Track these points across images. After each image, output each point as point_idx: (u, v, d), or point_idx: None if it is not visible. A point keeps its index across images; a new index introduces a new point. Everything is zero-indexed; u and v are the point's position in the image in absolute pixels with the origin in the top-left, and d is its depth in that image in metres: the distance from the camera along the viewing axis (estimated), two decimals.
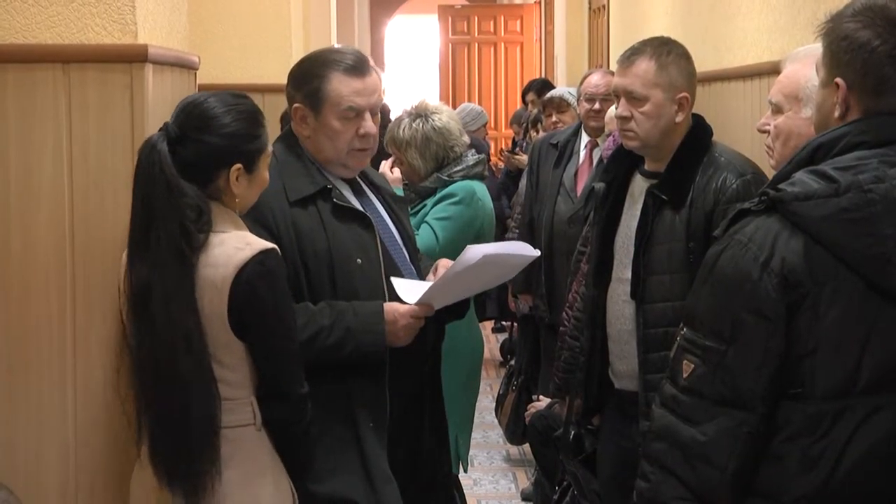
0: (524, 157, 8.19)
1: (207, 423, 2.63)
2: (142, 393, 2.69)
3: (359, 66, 3.13)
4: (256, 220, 2.92)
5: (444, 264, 3.26)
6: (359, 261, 3.08)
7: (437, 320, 3.27)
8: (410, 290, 3.13)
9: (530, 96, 9.20)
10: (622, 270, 3.49)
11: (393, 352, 3.08)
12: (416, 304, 3.08)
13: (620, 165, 3.59)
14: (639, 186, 3.51)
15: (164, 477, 2.68)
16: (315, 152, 3.17)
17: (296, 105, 3.17)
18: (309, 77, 3.15)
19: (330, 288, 3.06)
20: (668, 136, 3.43)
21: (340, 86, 3.11)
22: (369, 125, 3.13)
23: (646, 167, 3.53)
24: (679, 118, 3.43)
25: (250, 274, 2.63)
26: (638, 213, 3.43)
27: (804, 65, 2.77)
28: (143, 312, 2.65)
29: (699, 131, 3.48)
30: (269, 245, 2.70)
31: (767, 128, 2.88)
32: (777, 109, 2.81)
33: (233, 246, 2.65)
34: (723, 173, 3.35)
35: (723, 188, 3.32)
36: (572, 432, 3.91)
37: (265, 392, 2.71)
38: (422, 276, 3.29)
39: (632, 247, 3.43)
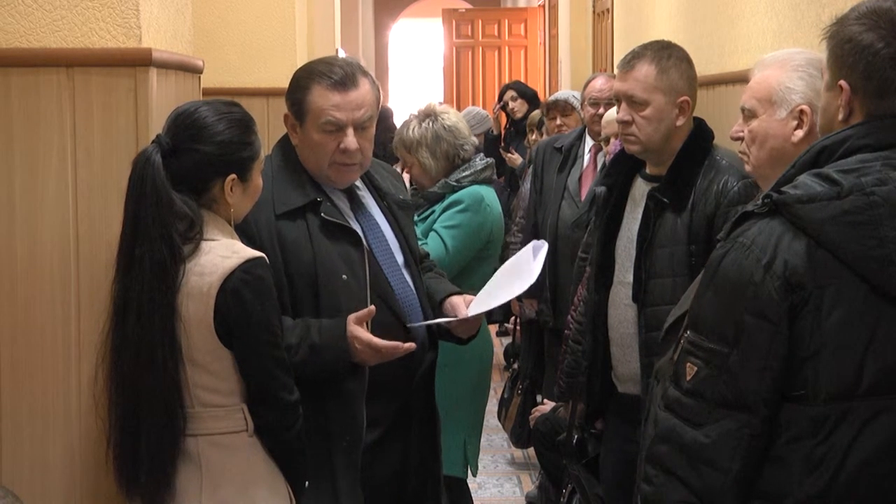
0: (517, 157, 8.26)
1: (163, 433, 2.65)
2: (110, 399, 2.72)
3: (343, 81, 3.10)
4: (241, 233, 2.92)
5: (455, 303, 3.27)
6: (344, 277, 3.06)
7: (430, 337, 3.26)
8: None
9: (510, 94, 9.38)
10: (624, 274, 3.49)
11: (377, 370, 3.06)
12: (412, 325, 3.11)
13: (622, 169, 3.59)
14: (640, 190, 3.51)
15: (123, 483, 2.72)
16: (303, 161, 3.17)
17: (286, 113, 3.19)
18: (295, 87, 3.16)
19: (313, 303, 3.05)
20: (669, 139, 3.43)
21: (320, 99, 3.09)
22: (350, 140, 3.09)
23: (647, 171, 3.53)
24: (680, 122, 3.43)
25: (236, 282, 2.64)
26: (639, 216, 3.44)
27: (774, 69, 2.79)
28: (120, 324, 2.68)
29: (700, 135, 3.49)
30: (256, 254, 2.70)
31: (741, 134, 2.88)
32: (750, 115, 2.82)
33: (219, 254, 2.66)
34: (724, 176, 3.36)
35: (724, 191, 3.33)
36: (576, 436, 3.91)
37: (253, 399, 2.72)
38: (417, 285, 3.27)
39: (633, 250, 3.43)
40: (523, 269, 3.24)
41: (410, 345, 3.05)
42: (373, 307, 3.03)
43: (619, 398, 3.61)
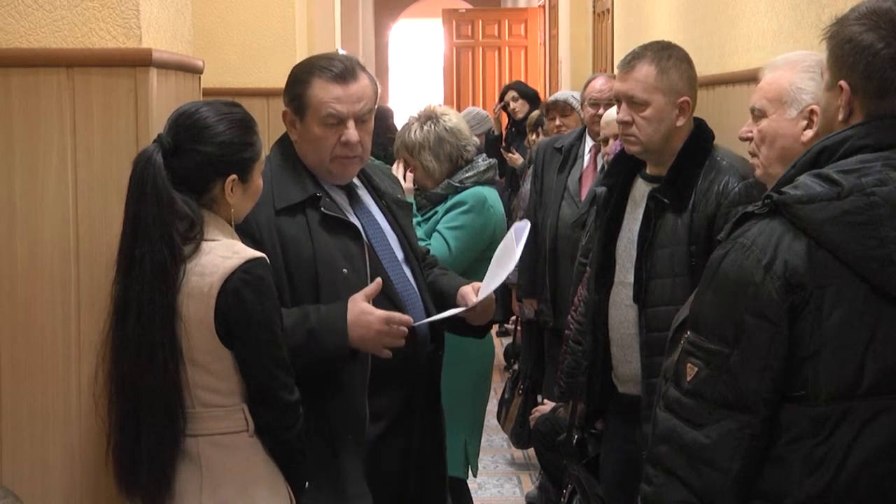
0: (518, 157, 8.28)
1: (163, 434, 2.65)
2: (110, 400, 2.72)
3: (343, 74, 3.12)
4: (241, 230, 2.92)
5: (464, 292, 3.27)
6: (344, 271, 3.06)
7: (434, 330, 3.26)
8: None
9: (511, 94, 9.45)
10: (624, 274, 3.49)
11: (381, 363, 3.06)
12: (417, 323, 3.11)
13: (622, 170, 3.60)
14: (640, 190, 3.51)
15: (123, 484, 2.72)
16: (303, 157, 3.17)
17: (284, 109, 3.19)
18: (294, 82, 3.17)
19: (313, 297, 3.04)
20: (669, 140, 3.44)
21: (321, 92, 3.10)
22: (351, 133, 3.11)
23: (647, 171, 3.54)
24: (680, 122, 3.43)
25: (237, 282, 2.63)
26: (640, 217, 3.44)
27: (786, 70, 2.81)
28: (120, 324, 2.68)
29: (700, 135, 3.49)
30: (257, 254, 2.70)
31: (750, 135, 2.89)
32: (760, 115, 2.83)
33: (220, 255, 2.66)
34: (725, 177, 3.36)
35: (725, 191, 3.33)
36: (576, 436, 3.91)
37: (254, 400, 2.72)
38: (417, 280, 3.28)
39: (634, 251, 3.43)
40: (510, 251, 3.26)
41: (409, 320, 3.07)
42: (379, 280, 3.03)
43: (619, 398, 3.61)
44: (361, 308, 3.00)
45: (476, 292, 3.26)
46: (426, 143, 4.33)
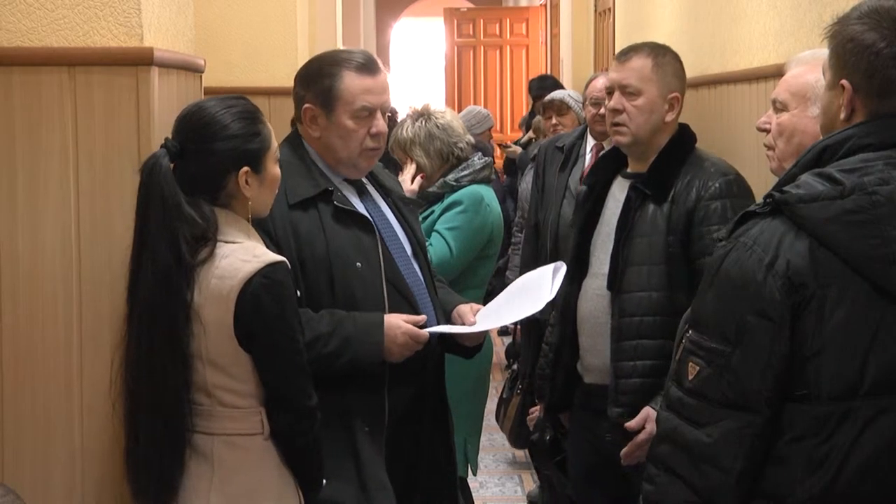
0: (515, 148, 8.30)
1: (168, 438, 2.66)
2: (124, 404, 2.73)
3: (369, 65, 3.14)
4: (257, 225, 2.93)
5: (462, 311, 3.28)
6: (358, 265, 3.07)
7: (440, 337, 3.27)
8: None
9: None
10: (599, 266, 3.55)
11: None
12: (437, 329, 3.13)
13: (604, 170, 3.68)
14: (620, 187, 3.58)
15: (133, 487, 2.73)
16: (324, 153, 3.17)
17: (306, 105, 3.17)
18: (320, 76, 3.16)
19: (328, 291, 3.06)
20: (657, 134, 3.52)
21: (353, 84, 3.11)
22: (380, 124, 3.14)
23: (628, 170, 3.60)
24: (669, 118, 3.53)
25: (257, 287, 2.62)
26: (619, 212, 3.48)
27: (812, 67, 2.79)
28: (131, 329, 2.69)
29: (684, 135, 3.60)
30: (278, 258, 2.69)
31: (768, 126, 2.88)
32: (782, 108, 2.82)
33: (240, 258, 2.65)
34: (705, 173, 3.46)
35: (705, 186, 3.41)
36: (548, 435, 3.95)
37: (272, 404, 2.71)
38: (426, 275, 3.28)
39: (611, 243, 3.47)
40: (542, 287, 3.26)
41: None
42: (424, 316, 3.09)
43: (584, 388, 3.63)
44: (397, 322, 3.03)
45: (474, 313, 3.27)
46: (416, 139, 4.35)
